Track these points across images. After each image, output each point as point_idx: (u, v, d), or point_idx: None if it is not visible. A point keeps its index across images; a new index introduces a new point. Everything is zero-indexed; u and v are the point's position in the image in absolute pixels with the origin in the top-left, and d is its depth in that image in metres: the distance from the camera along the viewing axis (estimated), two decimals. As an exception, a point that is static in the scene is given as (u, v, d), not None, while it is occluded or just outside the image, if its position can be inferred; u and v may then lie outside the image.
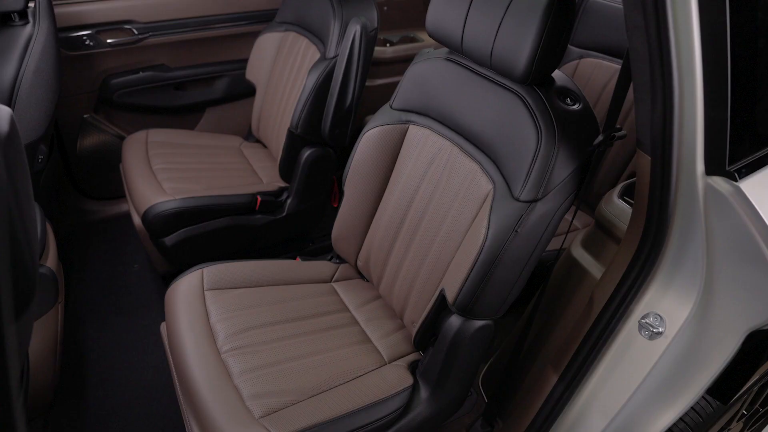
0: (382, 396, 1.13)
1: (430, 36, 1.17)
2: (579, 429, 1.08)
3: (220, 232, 1.74)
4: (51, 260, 1.34)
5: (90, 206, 2.21)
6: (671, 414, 0.98)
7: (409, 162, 1.26)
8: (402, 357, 1.26)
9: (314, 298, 1.36)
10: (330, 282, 1.44)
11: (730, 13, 0.75)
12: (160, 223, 1.63)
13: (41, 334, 1.30)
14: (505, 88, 1.07)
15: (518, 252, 1.02)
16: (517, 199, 1.00)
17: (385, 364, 1.22)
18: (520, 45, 0.97)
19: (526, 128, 1.01)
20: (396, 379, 1.17)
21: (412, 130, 1.25)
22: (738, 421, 1.35)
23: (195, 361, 1.11)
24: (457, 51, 1.12)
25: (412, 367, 1.23)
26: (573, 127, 1.01)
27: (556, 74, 1.09)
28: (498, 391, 1.37)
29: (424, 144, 1.23)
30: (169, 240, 1.66)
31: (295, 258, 1.55)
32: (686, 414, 1.12)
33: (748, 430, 1.45)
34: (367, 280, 1.46)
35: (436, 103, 1.20)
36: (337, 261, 1.51)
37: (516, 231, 1.00)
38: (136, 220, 1.70)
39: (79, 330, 1.76)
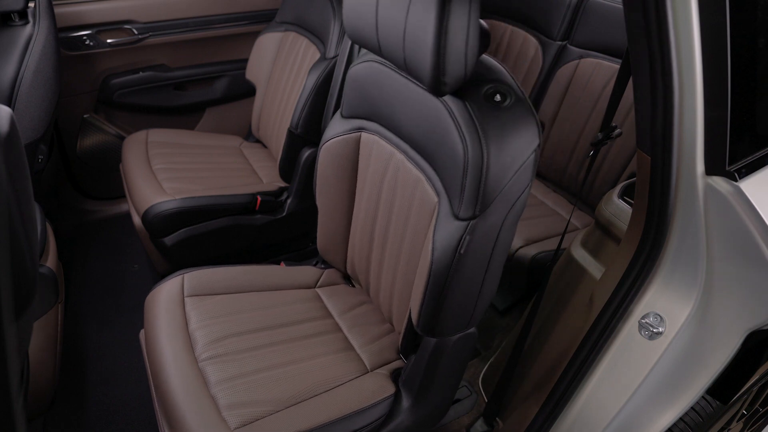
0: (362, 405, 1.10)
1: (350, 38, 1.06)
2: (579, 429, 1.08)
3: (220, 232, 1.74)
4: (51, 260, 1.34)
5: (90, 206, 2.21)
6: (671, 414, 0.98)
7: (367, 171, 1.20)
8: (385, 365, 1.22)
9: (297, 304, 1.32)
10: (314, 288, 1.40)
11: (730, 13, 0.75)
12: (160, 223, 1.63)
13: (41, 334, 1.30)
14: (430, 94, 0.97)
15: (469, 272, 0.95)
16: (457, 217, 0.93)
17: (367, 372, 1.19)
18: (422, 55, 0.84)
19: (452, 139, 0.91)
20: (377, 387, 1.14)
21: (364, 137, 1.18)
22: (738, 421, 1.34)
23: (172, 369, 1.08)
24: (378, 55, 1.00)
25: (395, 375, 1.20)
26: (503, 129, 0.89)
27: (484, 63, 0.95)
28: (498, 391, 1.37)
29: (376, 152, 1.15)
30: (169, 240, 1.66)
31: (304, 259, 1.53)
32: (686, 414, 1.12)
33: (748, 430, 1.45)
34: (353, 285, 1.44)
35: (379, 108, 1.12)
36: (323, 266, 1.48)
37: (459, 252, 0.92)
38: (136, 220, 1.70)
39: (79, 330, 1.76)
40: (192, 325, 1.19)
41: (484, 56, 0.95)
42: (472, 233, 0.91)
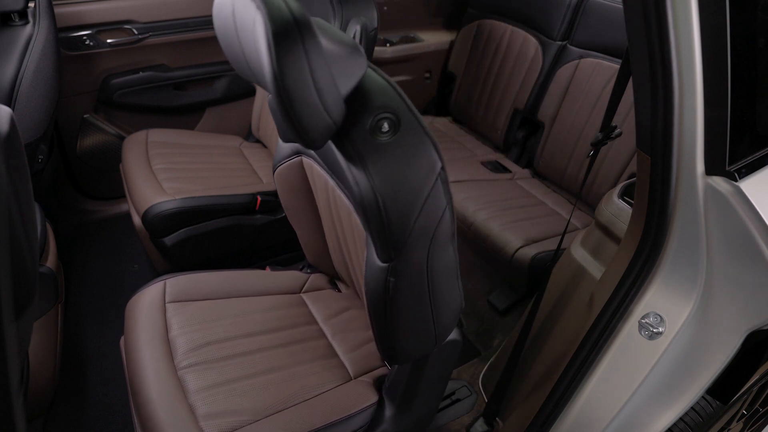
0: (343, 414, 1.07)
1: (241, 76, 0.90)
2: (579, 429, 1.08)
3: (220, 232, 1.74)
4: (51, 260, 1.34)
5: (90, 206, 2.21)
6: (671, 414, 0.98)
7: (317, 193, 1.16)
8: (368, 372, 1.20)
9: (281, 310, 1.29)
10: (299, 293, 1.37)
11: (730, 13, 0.75)
12: (160, 223, 1.63)
13: (41, 334, 1.30)
14: None
15: (409, 308, 0.88)
16: (379, 258, 0.84)
17: (350, 380, 1.16)
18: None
19: (348, 181, 0.83)
20: (360, 395, 1.12)
21: (305, 161, 1.14)
22: (738, 421, 1.34)
23: (151, 377, 1.06)
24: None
25: (379, 383, 1.17)
26: (397, 166, 0.77)
27: (364, 86, 0.78)
28: (498, 391, 1.37)
29: (317, 176, 1.11)
30: (169, 240, 1.66)
31: (298, 259, 1.53)
32: (686, 414, 1.12)
33: (748, 430, 1.45)
34: (339, 290, 1.42)
35: None
36: (309, 270, 1.45)
37: (389, 296, 0.85)
38: (136, 220, 1.70)
39: (79, 330, 1.76)
40: (173, 332, 1.16)
41: (368, 73, 0.81)
42: (395, 275, 0.83)
